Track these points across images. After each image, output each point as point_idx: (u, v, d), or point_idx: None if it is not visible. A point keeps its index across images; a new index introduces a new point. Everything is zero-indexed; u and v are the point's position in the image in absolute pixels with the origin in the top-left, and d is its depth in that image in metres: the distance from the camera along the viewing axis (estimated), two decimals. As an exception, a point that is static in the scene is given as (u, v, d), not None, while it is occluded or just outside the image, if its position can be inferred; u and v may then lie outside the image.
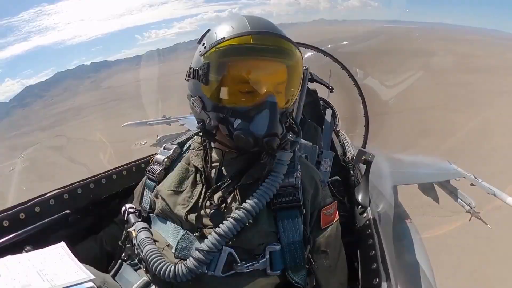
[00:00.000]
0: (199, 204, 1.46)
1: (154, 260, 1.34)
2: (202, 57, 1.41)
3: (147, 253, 1.38)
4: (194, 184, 1.53)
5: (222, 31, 1.40)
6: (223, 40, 1.36)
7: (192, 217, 1.44)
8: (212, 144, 1.59)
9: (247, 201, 1.33)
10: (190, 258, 1.30)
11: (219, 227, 1.31)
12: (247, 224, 1.34)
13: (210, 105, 1.43)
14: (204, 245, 1.30)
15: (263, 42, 1.37)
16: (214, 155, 1.59)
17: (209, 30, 1.49)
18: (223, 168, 1.54)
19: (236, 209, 1.34)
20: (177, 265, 1.31)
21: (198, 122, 1.54)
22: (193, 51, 1.51)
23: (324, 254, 1.49)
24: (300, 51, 1.48)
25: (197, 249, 1.31)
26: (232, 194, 1.45)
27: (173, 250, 1.41)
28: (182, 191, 1.52)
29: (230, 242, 1.34)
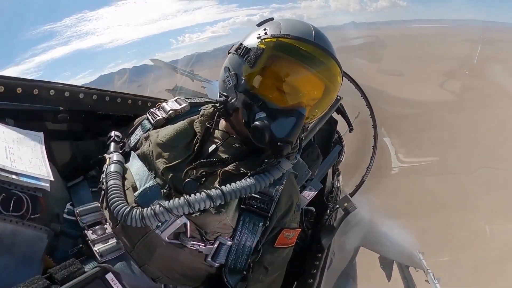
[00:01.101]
0: (181, 167, 1.47)
1: (114, 196, 1.35)
2: (259, 40, 1.42)
3: (111, 186, 1.38)
4: (186, 147, 1.53)
5: (289, 28, 1.42)
6: (287, 36, 1.38)
7: (168, 174, 1.44)
8: (221, 123, 1.59)
9: (228, 185, 1.34)
10: (149, 208, 1.30)
11: (189, 195, 1.31)
12: (217, 206, 1.35)
13: (243, 87, 1.44)
14: (167, 204, 1.30)
15: (320, 58, 1.40)
16: (217, 132, 1.59)
17: (272, 18, 1.51)
18: (220, 147, 1.54)
19: (213, 188, 1.34)
20: (133, 208, 1.31)
21: (220, 95, 1.54)
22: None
23: (265, 270, 1.50)
24: (342, 81, 1.51)
25: (159, 203, 1.30)
26: (215, 175, 1.45)
27: (136, 194, 1.42)
28: (172, 147, 1.52)
29: (192, 215, 1.35)
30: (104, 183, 1.42)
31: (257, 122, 1.38)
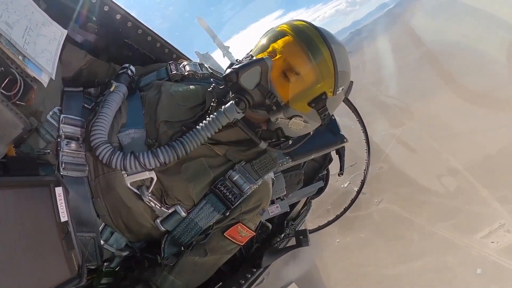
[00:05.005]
0: (177, 126, 1.49)
1: (99, 124, 1.36)
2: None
3: (101, 114, 1.39)
4: (190, 110, 1.55)
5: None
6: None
7: (163, 127, 1.46)
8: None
9: (183, 136, 1.40)
10: (125, 153, 1.33)
11: (163, 151, 1.35)
12: (190, 177, 1.41)
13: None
14: (141, 154, 1.33)
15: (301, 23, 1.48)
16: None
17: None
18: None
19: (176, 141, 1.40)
20: (106, 143, 1.34)
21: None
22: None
23: (204, 253, 1.51)
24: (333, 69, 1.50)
25: (132, 152, 1.33)
26: None
27: (122, 130, 1.43)
28: (178, 104, 1.54)
29: (163, 174, 1.40)
30: (100, 108, 1.42)
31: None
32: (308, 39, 1.40)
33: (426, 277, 4.09)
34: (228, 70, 1.36)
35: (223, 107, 1.40)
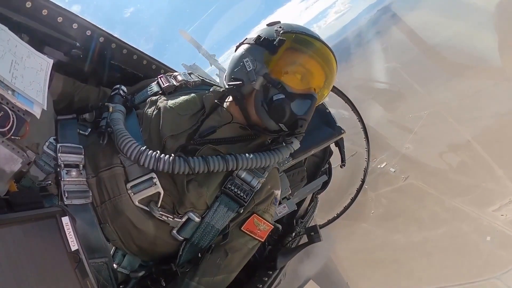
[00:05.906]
0: (183, 137, 1.51)
1: (126, 137, 1.39)
2: (279, 33, 1.55)
3: (119, 131, 1.41)
4: (192, 118, 1.57)
5: (301, 28, 1.60)
6: (304, 33, 1.57)
7: (169, 143, 1.48)
8: (226, 104, 1.64)
9: (242, 155, 1.46)
10: (169, 155, 1.38)
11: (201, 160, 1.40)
12: (201, 181, 1.44)
13: (263, 71, 1.52)
14: (190, 158, 1.39)
15: (326, 54, 1.60)
16: (222, 112, 1.62)
17: (279, 21, 1.66)
18: (220, 126, 1.58)
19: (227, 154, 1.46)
20: (148, 149, 1.37)
21: (235, 79, 1.57)
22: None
23: (225, 254, 1.51)
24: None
25: (180, 154, 1.40)
26: (204, 149, 1.51)
27: None
28: (179, 115, 1.55)
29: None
30: (111, 127, 1.45)
31: (277, 101, 1.49)
32: (333, 68, 1.62)
33: (444, 243, 4.69)
34: (299, 122, 1.52)
35: (289, 146, 1.59)
